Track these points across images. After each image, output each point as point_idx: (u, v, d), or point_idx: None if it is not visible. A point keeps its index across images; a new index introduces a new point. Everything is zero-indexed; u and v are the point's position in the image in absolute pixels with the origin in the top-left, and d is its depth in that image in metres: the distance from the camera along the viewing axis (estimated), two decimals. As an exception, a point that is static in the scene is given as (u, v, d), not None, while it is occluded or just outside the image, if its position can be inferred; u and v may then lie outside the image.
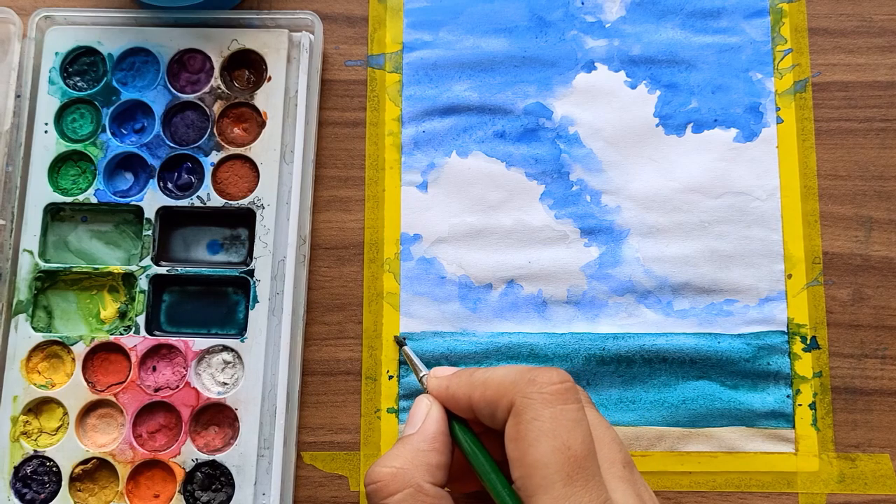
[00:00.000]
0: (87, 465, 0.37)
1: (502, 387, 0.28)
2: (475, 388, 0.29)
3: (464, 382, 0.30)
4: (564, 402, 0.27)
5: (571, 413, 0.27)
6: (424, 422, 0.30)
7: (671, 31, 0.41)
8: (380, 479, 0.28)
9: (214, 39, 0.40)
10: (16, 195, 0.39)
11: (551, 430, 0.26)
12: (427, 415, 0.30)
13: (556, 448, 0.26)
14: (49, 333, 0.38)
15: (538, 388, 0.27)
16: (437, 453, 0.29)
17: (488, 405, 0.28)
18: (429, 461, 0.29)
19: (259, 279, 0.38)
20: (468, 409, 0.29)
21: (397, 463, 0.28)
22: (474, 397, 0.29)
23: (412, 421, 0.30)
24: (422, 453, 0.29)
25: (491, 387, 0.28)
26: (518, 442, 0.27)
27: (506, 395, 0.28)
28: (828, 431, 0.38)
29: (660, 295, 0.39)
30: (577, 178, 0.40)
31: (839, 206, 0.39)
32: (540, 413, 0.27)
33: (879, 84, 0.40)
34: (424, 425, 0.30)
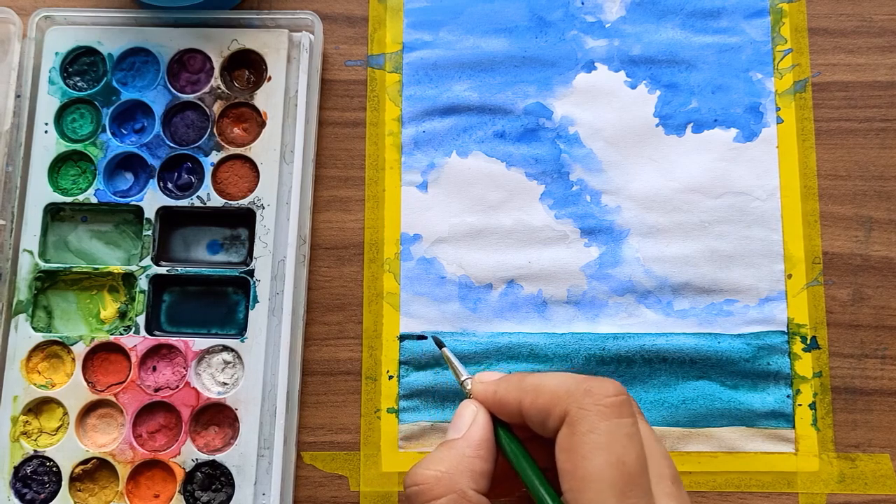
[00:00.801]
0: (87, 465, 0.37)
1: (556, 395, 0.27)
2: (526, 394, 0.28)
3: (513, 387, 0.29)
4: (620, 415, 0.26)
5: (627, 427, 0.26)
6: (471, 427, 0.29)
7: (671, 31, 0.41)
8: (423, 481, 0.27)
9: (214, 39, 0.40)
10: (16, 195, 0.39)
11: (607, 444, 0.26)
12: (473, 420, 0.29)
13: (611, 463, 0.25)
14: (49, 333, 0.38)
15: (595, 399, 0.27)
16: (482, 460, 0.28)
17: (540, 413, 0.28)
18: (473, 467, 0.28)
19: (259, 279, 0.38)
20: (516, 415, 0.29)
21: (442, 467, 0.28)
22: (525, 403, 0.28)
23: (457, 425, 0.29)
24: (467, 459, 0.28)
25: (544, 394, 0.28)
26: (571, 454, 0.26)
27: (560, 403, 0.27)
28: (828, 431, 0.38)
29: (660, 295, 0.39)
30: (577, 178, 0.40)
31: (839, 206, 0.39)
32: (596, 426, 0.26)
33: (879, 84, 0.40)
34: (471, 430, 0.29)
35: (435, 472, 0.28)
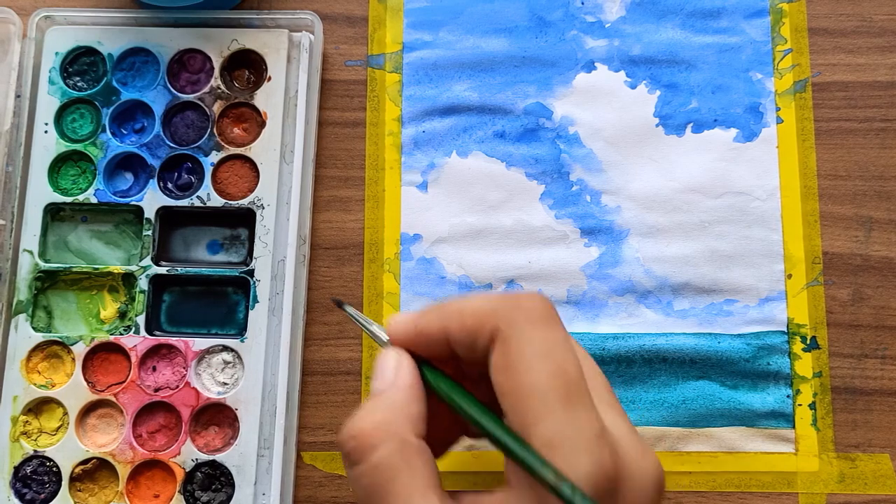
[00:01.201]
0: (87, 465, 0.37)
1: (483, 313, 0.25)
2: (450, 320, 0.26)
3: (435, 316, 0.27)
4: (552, 325, 0.25)
5: (560, 335, 0.25)
6: (397, 373, 0.27)
7: (671, 31, 0.41)
8: (360, 433, 0.25)
9: (214, 39, 0.40)
10: (16, 195, 0.39)
11: (544, 354, 0.24)
12: (397, 365, 0.27)
13: (551, 372, 0.24)
14: (49, 333, 0.38)
15: (525, 312, 0.25)
16: (415, 402, 0.26)
17: (468, 335, 0.26)
18: (409, 412, 0.26)
19: (259, 279, 0.38)
20: (442, 344, 0.27)
21: (376, 416, 0.25)
22: (451, 328, 0.26)
23: (381, 376, 0.27)
24: (400, 405, 0.26)
25: (469, 315, 0.26)
26: (508, 370, 0.24)
27: (488, 321, 0.25)
28: (828, 431, 0.38)
29: (660, 295, 0.39)
30: (577, 178, 0.40)
31: (839, 206, 0.39)
32: (531, 336, 0.24)
33: (879, 84, 0.40)
34: (398, 377, 0.27)
35: (370, 423, 0.25)
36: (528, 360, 0.24)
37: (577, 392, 0.24)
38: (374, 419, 0.25)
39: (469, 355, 0.26)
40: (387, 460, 0.25)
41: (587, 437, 0.23)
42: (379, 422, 0.25)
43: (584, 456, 0.23)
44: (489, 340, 0.25)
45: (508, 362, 0.24)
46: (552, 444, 0.23)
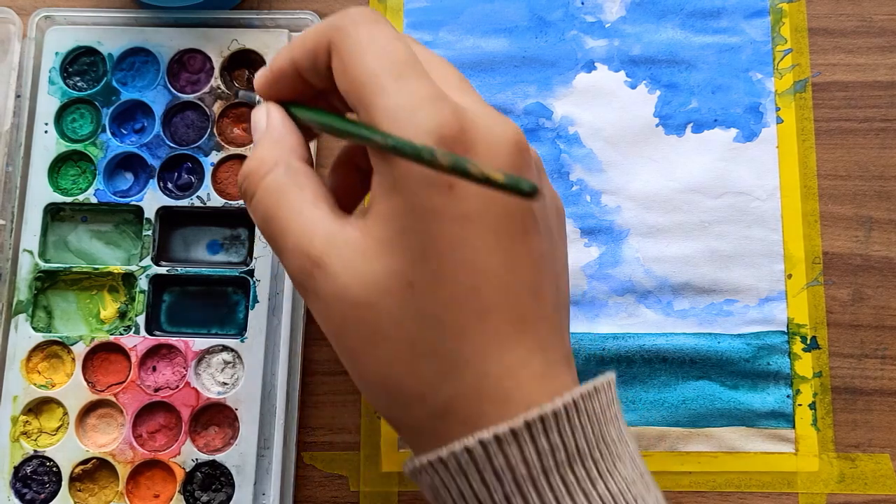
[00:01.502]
0: (87, 465, 0.37)
1: (318, 32, 0.27)
2: (294, 49, 0.28)
3: (284, 52, 0.29)
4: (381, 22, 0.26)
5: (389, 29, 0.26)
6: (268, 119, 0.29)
7: (671, 31, 0.41)
8: (248, 170, 0.27)
9: (214, 39, 0.40)
10: (16, 195, 0.39)
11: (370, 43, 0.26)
12: (266, 113, 0.29)
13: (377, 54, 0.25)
14: (49, 333, 0.38)
15: (351, 17, 0.26)
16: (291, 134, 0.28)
17: (310, 56, 0.27)
18: (289, 143, 0.28)
19: (259, 279, 0.38)
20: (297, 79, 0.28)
21: (260, 153, 0.28)
22: (296, 57, 0.28)
23: (256, 128, 0.29)
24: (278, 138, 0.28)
25: (308, 37, 0.27)
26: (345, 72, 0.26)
27: (323, 38, 0.27)
28: (828, 431, 0.38)
29: (660, 295, 0.39)
30: (577, 178, 0.40)
31: (839, 206, 0.39)
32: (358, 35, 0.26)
33: (879, 84, 0.40)
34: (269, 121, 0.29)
35: (256, 159, 0.27)
36: (358, 53, 0.25)
37: (406, 67, 0.25)
38: (258, 156, 0.28)
39: (319, 79, 0.28)
40: (275, 182, 0.27)
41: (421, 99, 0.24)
42: (263, 156, 0.27)
43: (421, 115, 0.24)
44: (327, 53, 0.27)
45: (343, 64, 0.26)
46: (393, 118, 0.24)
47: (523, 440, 0.24)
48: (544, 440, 0.24)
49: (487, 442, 0.24)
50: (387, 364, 0.25)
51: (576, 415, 0.25)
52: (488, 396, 0.24)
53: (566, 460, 0.24)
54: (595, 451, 0.25)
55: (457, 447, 0.24)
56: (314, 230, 0.26)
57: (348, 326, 0.25)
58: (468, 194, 0.24)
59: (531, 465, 0.24)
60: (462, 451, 0.24)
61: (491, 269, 0.25)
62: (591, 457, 0.25)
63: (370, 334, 0.25)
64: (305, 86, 0.29)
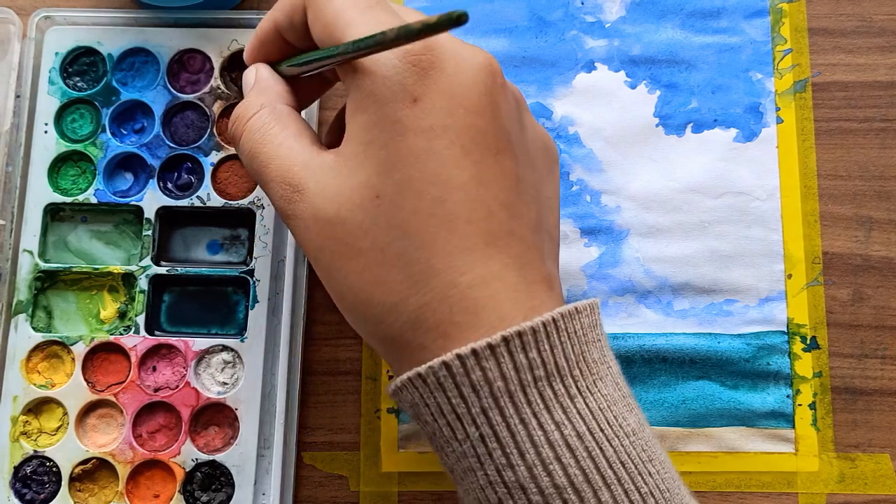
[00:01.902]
0: (87, 465, 0.37)
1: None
2: (274, 12, 0.30)
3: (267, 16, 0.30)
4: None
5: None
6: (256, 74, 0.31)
7: (671, 31, 0.41)
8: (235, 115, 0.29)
9: (214, 39, 0.40)
10: (16, 195, 0.39)
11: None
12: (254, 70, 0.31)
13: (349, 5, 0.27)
14: (49, 333, 0.38)
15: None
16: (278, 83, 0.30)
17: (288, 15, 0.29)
18: (275, 90, 0.30)
19: (259, 279, 0.38)
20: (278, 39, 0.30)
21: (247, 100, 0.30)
22: (276, 18, 0.30)
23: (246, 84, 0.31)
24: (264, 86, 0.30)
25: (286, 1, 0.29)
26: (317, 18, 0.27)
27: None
28: (828, 431, 0.38)
29: (660, 295, 0.39)
30: (577, 178, 0.40)
31: (839, 206, 0.39)
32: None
33: (879, 84, 0.40)
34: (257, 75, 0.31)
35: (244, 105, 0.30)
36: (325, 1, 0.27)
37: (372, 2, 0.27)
38: (245, 102, 0.30)
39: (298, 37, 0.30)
40: (260, 120, 0.29)
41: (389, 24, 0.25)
42: (250, 101, 0.30)
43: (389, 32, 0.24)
44: (303, 9, 0.28)
45: (315, 12, 0.27)
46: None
47: (501, 355, 0.24)
48: (522, 356, 0.24)
49: (465, 356, 0.24)
50: (359, 276, 0.26)
51: (555, 333, 0.25)
52: (459, 306, 0.25)
53: (545, 376, 0.24)
54: (575, 370, 0.25)
55: (435, 363, 0.24)
56: (294, 159, 0.27)
57: (324, 245, 0.26)
58: (433, 107, 0.25)
59: (508, 379, 0.24)
60: (440, 366, 0.24)
61: (458, 181, 0.25)
62: (571, 375, 0.25)
63: (343, 249, 0.26)
64: (288, 47, 0.30)
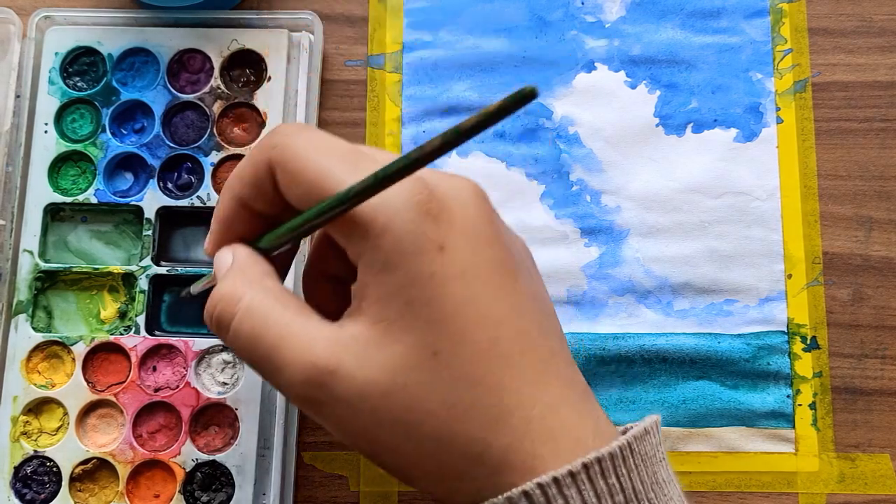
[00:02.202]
0: (87, 465, 0.37)
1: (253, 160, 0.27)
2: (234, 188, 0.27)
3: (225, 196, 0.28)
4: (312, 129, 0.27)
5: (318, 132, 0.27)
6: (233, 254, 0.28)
7: (671, 31, 0.41)
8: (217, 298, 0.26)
9: (214, 39, 0.40)
10: (16, 195, 0.39)
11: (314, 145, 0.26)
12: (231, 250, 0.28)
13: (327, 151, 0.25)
14: (49, 333, 0.38)
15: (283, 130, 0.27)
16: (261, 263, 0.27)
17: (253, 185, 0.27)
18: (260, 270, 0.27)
19: (259, 279, 0.38)
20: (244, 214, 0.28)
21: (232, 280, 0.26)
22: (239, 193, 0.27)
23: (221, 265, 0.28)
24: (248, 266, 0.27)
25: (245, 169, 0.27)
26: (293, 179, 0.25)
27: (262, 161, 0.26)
28: (828, 431, 0.38)
29: (660, 295, 0.39)
30: (577, 178, 0.40)
31: (839, 206, 0.39)
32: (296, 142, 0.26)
33: (879, 84, 0.40)
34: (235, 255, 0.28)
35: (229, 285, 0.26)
36: (304, 157, 0.25)
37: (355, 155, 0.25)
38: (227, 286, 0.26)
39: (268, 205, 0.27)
40: (254, 302, 0.26)
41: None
42: (233, 283, 0.26)
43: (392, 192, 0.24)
44: (270, 174, 0.26)
45: (291, 175, 0.25)
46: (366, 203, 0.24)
47: (582, 482, 0.24)
48: (602, 482, 0.24)
49: (546, 485, 0.23)
50: (434, 440, 0.24)
51: (630, 456, 0.25)
52: (539, 438, 0.24)
53: (623, 502, 0.24)
54: (650, 492, 0.25)
55: (514, 493, 0.23)
56: (313, 338, 0.25)
57: (382, 420, 0.24)
58: (459, 250, 0.24)
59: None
60: (520, 497, 0.23)
61: (500, 316, 0.25)
62: (647, 497, 0.25)
63: (408, 417, 0.24)
64: (256, 220, 0.28)
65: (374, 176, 0.22)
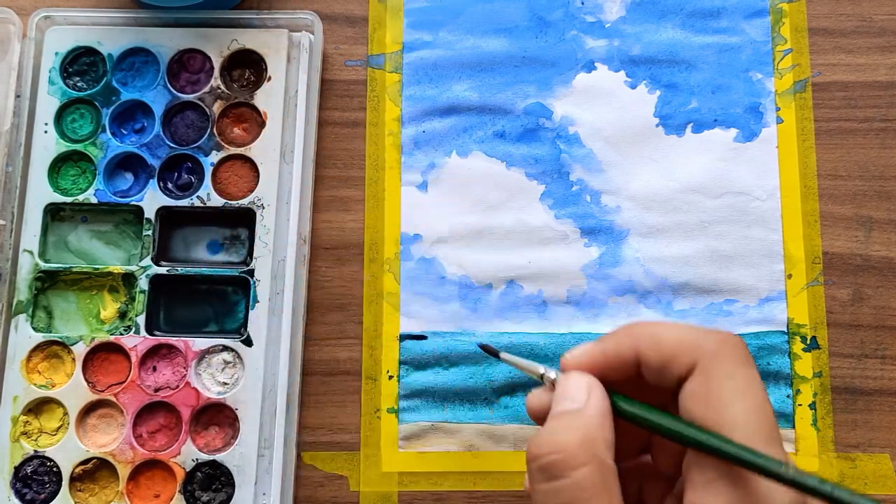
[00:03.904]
0: (88, 465, 0.37)
1: (682, 343, 0.26)
2: (643, 342, 0.27)
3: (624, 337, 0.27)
4: (753, 365, 0.26)
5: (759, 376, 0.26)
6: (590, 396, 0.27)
7: (671, 31, 0.41)
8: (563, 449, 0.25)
9: (214, 39, 0.40)
10: (16, 195, 0.39)
11: (745, 391, 0.25)
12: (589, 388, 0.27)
13: (754, 408, 0.25)
14: (49, 333, 0.38)
15: (730, 348, 0.26)
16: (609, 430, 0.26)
17: (661, 360, 0.26)
18: (606, 436, 0.26)
19: (259, 279, 0.38)
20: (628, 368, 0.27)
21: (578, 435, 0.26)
22: (643, 351, 0.27)
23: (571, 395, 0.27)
24: (598, 427, 0.26)
25: (667, 342, 0.27)
26: (709, 402, 0.25)
27: (687, 351, 0.26)
28: (828, 431, 0.38)
29: (660, 295, 0.39)
30: (577, 178, 0.40)
31: (839, 206, 0.39)
32: (734, 372, 0.25)
33: (879, 84, 0.40)
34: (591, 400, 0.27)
35: (574, 440, 0.25)
36: (731, 394, 0.25)
37: (775, 430, 0.25)
38: (577, 437, 0.26)
39: (657, 381, 0.27)
40: (590, 479, 0.25)
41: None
42: (582, 439, 0.26)
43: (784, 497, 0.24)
44: (686, 370, 0.26)
45: (710, 394, 0.25)
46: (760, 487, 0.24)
47: None
48: None
49: None
50: None
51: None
52: None
53: None
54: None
55: None
56: None
57: None
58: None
59: None
60: None
61: None
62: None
63: None
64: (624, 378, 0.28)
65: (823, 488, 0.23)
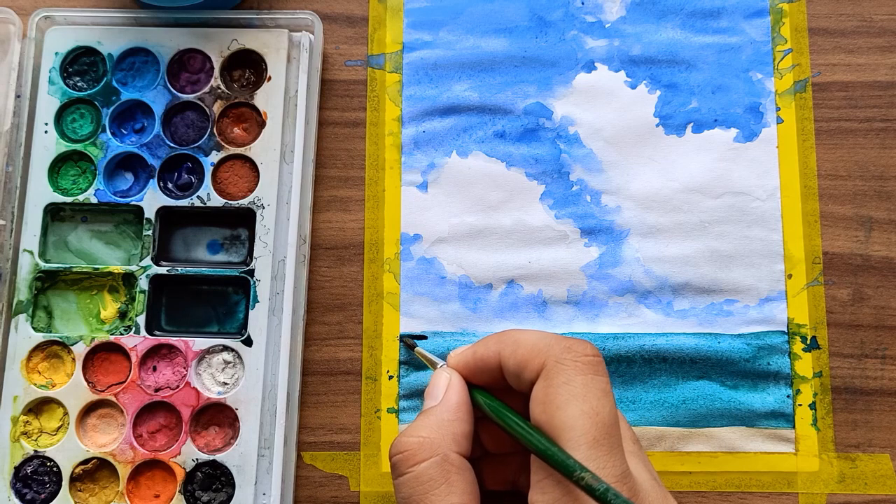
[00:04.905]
0: (88, 465, 0.37)
1: (536, 349, 0.28)
2: (505, 346, 0.29)
3: (492, 342, 0.30)
4: (596, 372, 0.27)
5: (602, 384, 0.27)
6: (447, 392, 0.30)
7: (671, 31, 0.41)
8: (406, 448, 0.28)
9: (214, 39, 0.40)
10: (16, 195, 0.39)
11: (581, 395, 0.27)
12: (448, 385, 0.30)
13: (584, 412, 0.26)
14: (49, 333, 0.38)
15: (573, 355, 0.27)
16: (461, 422, 0.29)
17: (518, 364, 0.28)
18: (454, 430, 0.29)
19: (259, 279, 0.38)
20: (494, 370, 0.30)
21: (423, 433, 0.28)
22: (504, 355, 0.29)
23: (433, 393, 0.30)
24: (447, 423, 0.29)
25: (523, 347, 0.29)
26: (546, 405, 0.27)
27: (538, 356, 0.28)
28: (828, 431, 0.38)
29: (660, 295, 0.39)
30: (577, 178, 0.40)
31: (839, 206, 0.39)
32: (572, 378, 0.27)
33: (879, 84, 0.40)
34: (447, 395, 0.30)
35: (417, 439, 0.28)
36: (565, 397, 0.27)
37: (605, 434, 0.26)
38: (419, 435, 0.29)
39: (515, 383, 0.29)
40: (426, 473, 0.28)
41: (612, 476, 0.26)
42: (423, 438, 0.28)
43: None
44: (535, 374, 0.28)
45: (548, 398, 0.27)
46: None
47: None
48: None
49: None
50: None
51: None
52: None
53: None
54: None
55: None
56: None
57: None
58: None
59: None
60: None
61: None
62: None
63: None
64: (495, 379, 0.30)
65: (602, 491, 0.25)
